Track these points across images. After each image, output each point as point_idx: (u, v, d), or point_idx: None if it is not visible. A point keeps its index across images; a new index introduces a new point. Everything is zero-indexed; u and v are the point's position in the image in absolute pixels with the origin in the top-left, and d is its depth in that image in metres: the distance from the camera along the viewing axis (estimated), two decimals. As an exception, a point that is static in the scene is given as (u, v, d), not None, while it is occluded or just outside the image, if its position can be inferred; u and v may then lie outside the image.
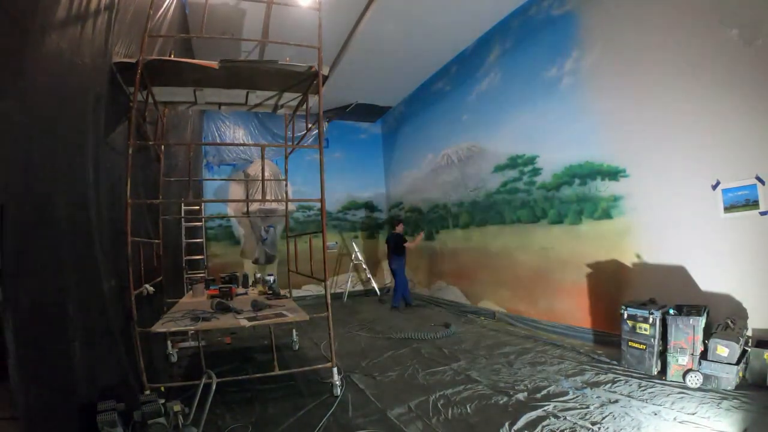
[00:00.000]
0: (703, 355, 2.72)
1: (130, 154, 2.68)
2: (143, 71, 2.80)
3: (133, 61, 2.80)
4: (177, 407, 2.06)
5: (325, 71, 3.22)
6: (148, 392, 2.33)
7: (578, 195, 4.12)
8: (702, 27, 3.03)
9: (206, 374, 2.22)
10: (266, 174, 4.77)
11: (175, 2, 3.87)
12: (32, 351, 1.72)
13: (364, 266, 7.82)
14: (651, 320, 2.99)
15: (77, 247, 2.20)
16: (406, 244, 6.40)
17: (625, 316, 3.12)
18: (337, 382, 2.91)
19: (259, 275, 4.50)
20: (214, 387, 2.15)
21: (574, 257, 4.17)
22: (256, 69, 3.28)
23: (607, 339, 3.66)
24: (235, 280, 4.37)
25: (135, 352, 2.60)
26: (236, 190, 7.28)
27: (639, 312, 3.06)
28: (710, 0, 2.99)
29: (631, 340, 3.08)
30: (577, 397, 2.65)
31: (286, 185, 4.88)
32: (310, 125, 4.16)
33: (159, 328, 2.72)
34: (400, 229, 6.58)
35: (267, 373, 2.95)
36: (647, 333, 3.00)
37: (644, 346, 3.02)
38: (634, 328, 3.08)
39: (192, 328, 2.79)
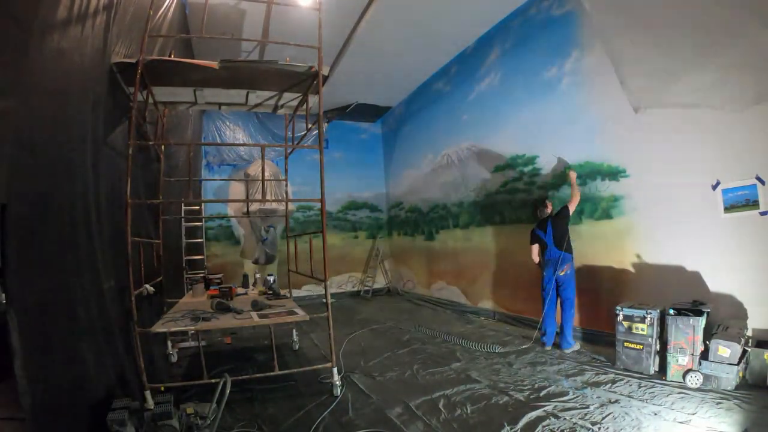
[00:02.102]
0: (703, 355, 2.72)
1: (130, 154, 2.68)
2: (143, 71, 2.80)
3: (133, 61, 2.80)
4: (190, 409, 2.05)
5: (325, 71, 3.22)
6: (162, 390, 2.33)
7: (578, 195, 4.12)
8: (702, 26, 3.03)
9: (224, 377, 2.22)
10: (266, 174, 4.77)
11: (175, 2, 3.86)
12: (38, 351, 1.73)
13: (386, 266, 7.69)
14: (648, 320, 2.99)
15: (78, 247, 2.20)
16: (571, 205, 3.80)
17: (621, 317, 3.12)
18: (337, 382, 2.91)
19: (259, 275, 4.49)
20: (228, 391, 2.15)
21: (574, 257, 4.16)
22: (256, 69, 3.28)
23: (608, 339, 3.65)
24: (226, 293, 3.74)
25: (135, 352, 2.60)
26: (236, 190, 7.28)
27: (635, 312, 3.06)
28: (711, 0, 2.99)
29: (627, 341, 3.08)
30: (577, 397, 2.65)
31: (287, 185, 4.88)
32: (310, 125, 4.16)
33: (159, 328, 2.72)
34: (550, 209, 3.98)
35: (267, 373, 2.95)
36: (644, 333, 3.00)
37: (641, 346, 3.02)
38: (629, 328, 3.08)
39: (192, 328, 2.79)
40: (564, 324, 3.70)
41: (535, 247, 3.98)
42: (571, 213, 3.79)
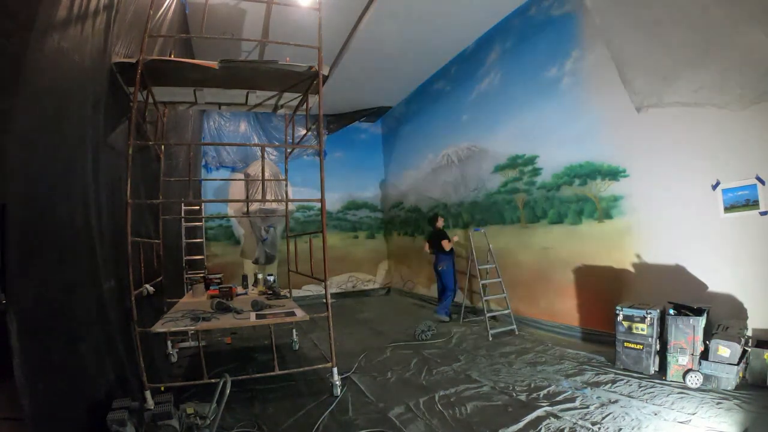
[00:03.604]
0: (703, 355, 2.72)
1: (130, 154, 2.68)
2: (143, 71, 2.80)
3: (134, 61, 2.80)
4: (190, 409, 2.05)
5: (325, 71, 3.22)
6: (162, 390, 2.32)
7: (578, 195, 4.13)
8: (703, 26, 3.03)
9: (224, 377, 2.22)
10: (266, 174, 4.77)
11: (175, 2, 3.87)
12: (37, 351, 1.73)
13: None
14: (648, 320, 2.99)
15: (78, 247, 2.20)
16: (444, 242, 5.39)
17: (621, 317, 3.12)
18: (337, 382, 2.91)
19: (260, 275, 4.49)
20: (228, 391, 2.15)
21: (575, 257, 4.17)
22: (256, 69, 3.28)
23: (608, 339, 3.65)
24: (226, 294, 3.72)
25: (135, 352, 2.60)
26: (236, 191, 7.28)
27: (635, 312, 3.06)
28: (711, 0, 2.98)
29: (627, 341, 3.08)
30: (577, 397, 2.65)
31: (287, 185, 4.88)
32: (310, 126, 4.16)
33: (159, 328, 2.72)
34: (440, 224, 5.65)
35: (267, 373, 2.95)
36: (644, 333, 3.00)
37: (641, 346, 3.02)
38: (629, 328, 3.08)
39: (192, 328, 2.79)
40: (445, 300, 5.41)
41: (426, 244, 5.80)
42: (443, 243, 5.44)
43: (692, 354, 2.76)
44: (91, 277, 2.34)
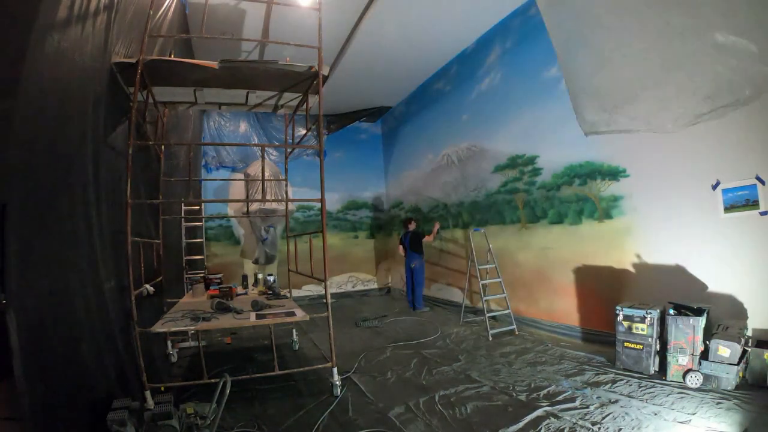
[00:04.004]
0: (703, 355, 2.72)
1: (130, 154, 2.68)
2: (143, 71, 2.80)
3: (134, 61, 2.80)
4: (190, 409, 2.05)
5: (325, 71, 3.22)
6: (162, 390, 2.33)
7: (578, 195, 4.13)
8: (702, 25, 3.03)
9: (224, 377, 2.22)
10: (266, 174, 4.77)
11: (175, 2, 3.86)
12: (38, 350, 1.73)
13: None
14: (648, 320, 2.99)
15: (79, 247, 2.20)
16: (425, 239, 6.27)
17: (621, 317, 3.13)
18: (337, 382, 2.91)
19: (260, 275, 4.50)
20: (228, 391, 2.15)
21: (575, 257, 4.17)
22: (256, 69, 3.28)
23: (608, 339, 3.65)
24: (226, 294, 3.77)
25: (135, 352, 2.60)
26: (236, 191, 7.28)
27: (635, 312, 3.06)
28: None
29: (627, 341, 3.09)
30: (577, 397, 2.65)
31: (287, 185, 4.88)
32: (311, 126, 4.16)
33: (159, 328, 2.72)
34: (413, 226, 6.44)
35: (267, 373, 2.95)
36: (644, 333, 3.00)
37: (641, 346, 3.02)
38: (629, 328, 3.08)
39: (192, 328, 2.79)
40: (416, 295, 6.21)
41: (401, 247, 6.53)
42: (424, 239, 6.28)
43: (692, 354, 2.76)
44: (92, 277, 2.34)
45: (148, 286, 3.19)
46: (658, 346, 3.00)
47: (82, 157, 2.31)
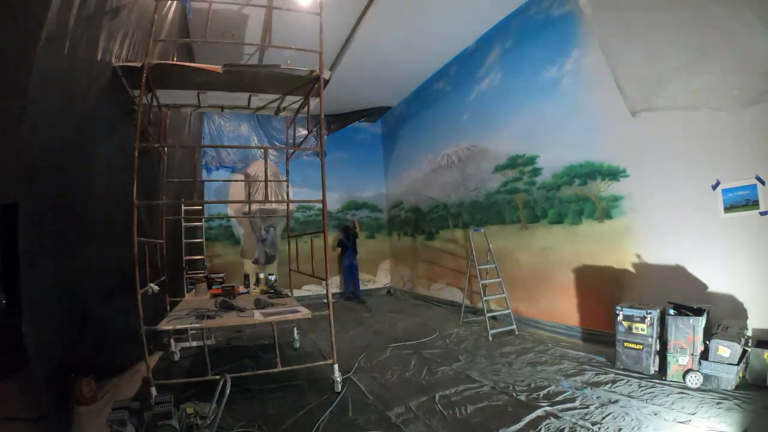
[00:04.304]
0: (703, 355, 2.72)
1: (135, 156, 2.69)
2: (148, 75, 2.82)
3: (138, 65, 2.82)
4: (190, 409, 2.06)
5: (326, 75, 3.23)
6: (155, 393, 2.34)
7: (578, 195, 4.13)
8: (701, 26, 3.03)
9: (224, 376, 2.24)
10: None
11: (175, 5, 3.88)
12: (50, 346, 1.75)
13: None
14: (648, 320, 2.99)
15: (85, 245, 2.22)
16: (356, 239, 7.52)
17: (621, 317, 3.13)
18: (338, 379, 2.93)
19: (262, 275, 4.52)
20: (228, 391, 2.16)
21: (574, 257, 4.18)
22: (258, 73, 3.29)
23: (608, 339, 3.65)
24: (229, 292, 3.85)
25: (142, 350, 2.63)
26: (236, 191, 7.29)
27: (635, 312, 3.06)
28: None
29: (627, 341, 3.09)
30: (577, 397, 2.66)
31: (288, 187, 4.89)
32: (312, 127, 4.17)
33: (165, 326, 2.74)
34: (359, 228, 7.80)
35: (269, 370, 2.97)
36: (644, 333, 3.01)
37: (641, 346, 3.02)
38: (629, 328, 3.08)
39: (198, 325, 2.81)
40: (356, 288, 7.48)
41: (339, 249, 7.47)
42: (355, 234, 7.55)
43: (692, 354, 2.76)
44: (99, 276, 2.36)
45: (152, 285, 3.21)
46: (658, 346, 3.00)
47: (89, 159, 2.33)
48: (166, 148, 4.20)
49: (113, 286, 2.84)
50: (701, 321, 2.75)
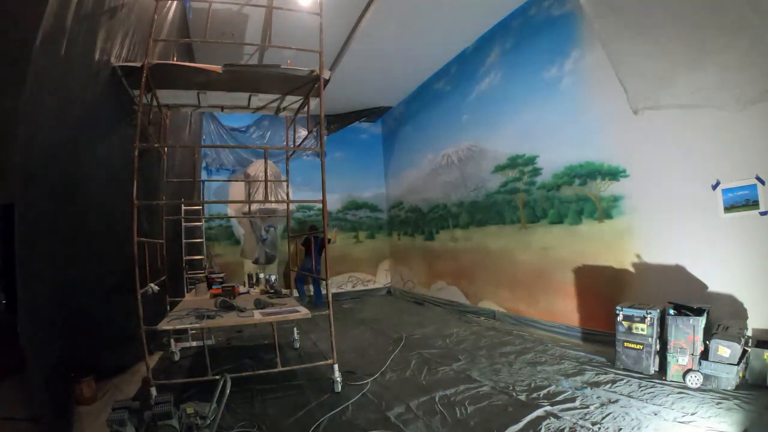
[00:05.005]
0: (703, 355, 2.72)
1: (135, 156, 2.69)
2: (148, 75, 2.81)
3: (139, 65, 2.82)
4: (190, 409, 2.06)
5: (326, 75, 3.23)
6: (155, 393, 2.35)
7: (578, 195, 4.13)
8: (702, 26, 3.03)
9: (224, 376, 2.23)
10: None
11: (175, 5, 3.88)
12: (50, 346, 1.74)
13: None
14: (648, 320, 2.99)
15: (84, 246, 2.22)
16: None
17: (620, 317, 3.13)
18: (338, 379, 2.93)
19: (262, 275, 4.52)
20: (228, 390, 2.16)
21: (574, 257, 4.18)
22: (258, 73, 3.29)
23: (608, 339, 3.65)
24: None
25: (142, 350, 2.63)
26: (236, 191, 7.29)
27: (635, 312, 3.07)
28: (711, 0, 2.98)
29: (627, 341, 3.09)
30: (577, 397, 2.66)
31: (288, 187, 4.89)
32: (312, 128, 4.17)
33: (165, 325, 2.74)
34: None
35: (269, 370, 2.97)
36: (644, 333, 3.01)
37: (641, 346, 3.02)
38: (629, 328, 3.08)
39: (198, 325, 2.81)
40: (319, 292, 6.89)
41: (303, 249, 6.99)
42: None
43: (692, 354, 2.76)
44: (99, 276, 2.35)
45: (153, 285, 3.21)
46: (658, 346, 3.00)
47: (87, 159, 2.33)
48: (166, 148, 4.20)
49: (113, 286, 2.85)
50: (701, 321, 2.75)
